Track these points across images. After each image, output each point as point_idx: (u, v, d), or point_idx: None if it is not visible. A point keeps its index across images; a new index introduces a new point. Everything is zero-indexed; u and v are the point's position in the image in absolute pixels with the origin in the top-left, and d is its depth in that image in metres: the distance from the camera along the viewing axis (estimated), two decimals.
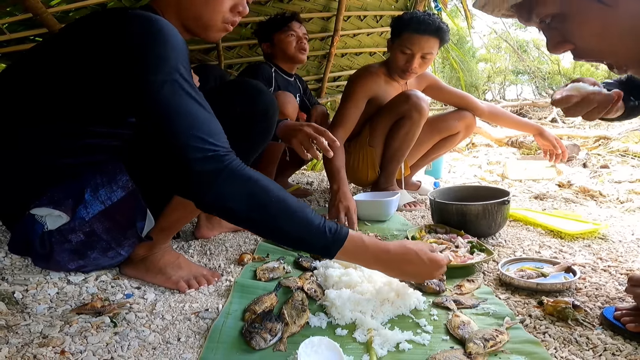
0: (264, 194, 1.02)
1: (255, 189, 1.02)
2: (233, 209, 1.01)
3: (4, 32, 2.05)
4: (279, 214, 1.03)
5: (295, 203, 1.06)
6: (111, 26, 1.05)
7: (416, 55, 2.22)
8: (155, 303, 1.23)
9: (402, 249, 1.16)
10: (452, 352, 0.97)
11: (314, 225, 1.05)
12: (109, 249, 1.26)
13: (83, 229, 1.18)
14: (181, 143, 0.97)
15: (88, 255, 1.26)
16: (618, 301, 1.22)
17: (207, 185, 0.99)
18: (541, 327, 1.10)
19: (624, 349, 0.99)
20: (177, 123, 0.98)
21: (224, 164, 1.00)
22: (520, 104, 6.90)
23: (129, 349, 1.01)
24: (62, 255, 1.23)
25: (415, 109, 2.26)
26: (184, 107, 1.00)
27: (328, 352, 0.97)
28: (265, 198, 1.02)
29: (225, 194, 1.00)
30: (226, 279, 1.41)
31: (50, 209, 1.15)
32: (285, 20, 2.55)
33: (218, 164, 0.99)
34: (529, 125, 2.58)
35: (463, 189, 2.15)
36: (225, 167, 1.00)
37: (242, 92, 1.31)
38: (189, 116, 1.00)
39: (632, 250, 1.64)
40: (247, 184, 1.01)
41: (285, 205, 1.04)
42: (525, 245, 1.73)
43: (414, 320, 1.15)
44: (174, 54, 1.01)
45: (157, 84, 0.98)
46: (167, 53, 1.01)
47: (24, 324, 1.08)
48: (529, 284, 1.30)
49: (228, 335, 1.07)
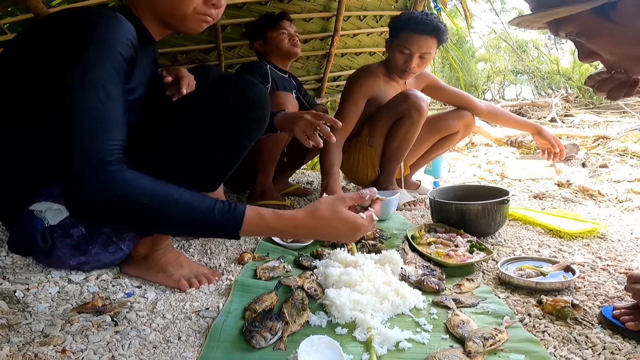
0: (135, 192, 0.99)
1: (130, 192, 0.98)
2: (107, 216, 1.01)
3: (5, 31, 2.05)
4: (160, 208, 1.00)
5: (180, 195, 1.02)
6: (54, 26, 1.07)
7: (414, 55, 2.21)
8: (156, 302, 1.23)
9: (311, 221, 1.09)
10: (452, 351, 0.97)
11: (201, 211, 1.01)
12: (110, 243, 1.26)
13: (84, 221, 1.18)
14: (71, 153, 0.97)
15: (89, 250, 1.26)
16: (617, 300, 1.22)
17: (83, 204, 0.99)
18: (540, 325, 1.10)
19: (622, 348, 0.99)
20: (71, 131, 0.97)
21: (101, 174, 0.97)
22: (520, 103, 6.90)
23: (130, 347, 1.01)
24: (64, 251, 1.23)
25: (415, 109, 2.26)
26: (84, 111, 0.99)
27: (328, 350, 0.97)
28: (142, 196, 0.99)
29: (102, 202, 0.98)
30: (227, 278, 1.41)
31: (50, 202, 1.15)
32: (277, 19, 2.57)
33: (96, 181, 0.97)
34: (527, 124, 2.59)
35: (462, 188, 2.15)
36: (104, 180, 0.97)
37: (232, 85, 1.30)
38: (84, 124, 0.98)
39: (631, 249, 1.64)
40: (121, 188, 0.98)
41: (165, 198, 1.00)
42: (525, 245, 1.73)
43: (414, 319, 1.15)
44: (92, 53, 1.01)
45: (66, 86, 0.99)
46: (86, 52, 1.00)
47: (25, 323, 1.08)
48: (528, 283, 1.30)
49: (228, 334, 1.07)
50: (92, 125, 0.98)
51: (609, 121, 5.38)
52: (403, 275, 1.37)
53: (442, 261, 1.48)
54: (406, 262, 1.46)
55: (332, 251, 1.51)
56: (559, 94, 6.58)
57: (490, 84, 11.65)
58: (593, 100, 7.25)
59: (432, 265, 1.46)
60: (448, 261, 1.48)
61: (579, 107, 6.74)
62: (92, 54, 1.00)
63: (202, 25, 1.29)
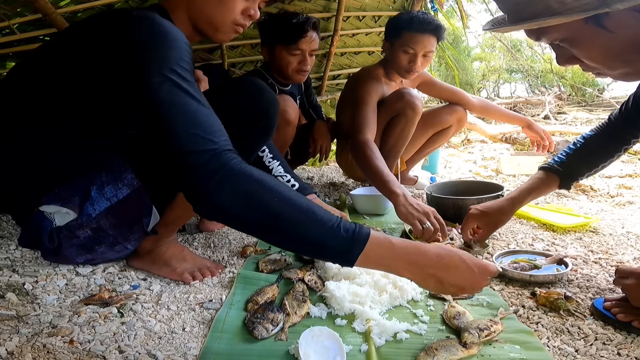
0: (264, 192, 0.87)
1: (254, 187, 0.87)
2: (229, 210, 0.87)
3: (14, 32, 2.04)
4: (282, 214, 0.86)
5: (303, 202, 0.89)
6: (114, 28, 1.02)
7: (419, 54, 2.18)
8: (160, 294, 1.23)
9: (441, 251, 0.93)
10: (448, 342, 0.97)
11: (327, 226, 0.87)
12: (116, 244, 1.26)
13: (90, 225, 1.18)
14: (178, 144, 0.89)
15: (96, 249, 1.26)
16: (608, 292, 1.22)
17: (202, 190, 0.88)
18: (534, 317, 1.10)
19: (614, 339, 0.99)
20: (175, 123, 0.91)
21: (221, 163, 0.88)
22: (514, 101, 6.87)
23: (136, 338, 1.01)
24: (70, 250, 1.23)
25: (410, 107, 2.24)
26: (182, 106, 0.93)
27: (328, 341, 0.97)
28: (266, 196, 0.87)
29: (221, 197, 0.86)
30: (229, 271, 1.41)
31: (58, 206, 1.15)
32: (295, 35, 2.10)
33: (215, 164, 0.88)
34: (518, 118, 2.59)
35: (459, 183, 2.15)
36: (222, 167, 0.88)
37: (242, 90, 1.28)
38: (187, 115, 0.92)
39: (622, 243, 1.64)
40: (245, 182, 0.88)
41: (290, 203, 0.88)
42: (519, 238, 1.72)
43: (411, 310, 1.15)
44: (173, 54, 0.97)
45: (155, 84, 0.93)
46: (165, 53, 0.96)
47: (34, 314, 1.08)
48: (523, 275, 1.29)
49: (231, 325, 1.07)
50: (194, 115, 0.93)
51: (601, 118, 5.37)
52: None
53: None
54: None
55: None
56: (552, 92, 6.55)
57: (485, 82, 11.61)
58: (585, 98, 7.23)
59: None
60: None
61: (571, 104, 6.72)
62: (171, 52, 0.97)
63: (232, 36, 1.25)
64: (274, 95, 1.35)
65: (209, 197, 0.87)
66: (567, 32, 0.84)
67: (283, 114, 2.07)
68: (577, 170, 1.43)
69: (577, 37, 0.84)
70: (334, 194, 2.64)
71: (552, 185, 1.45)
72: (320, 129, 2.52)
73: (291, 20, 2.11)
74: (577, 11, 0.75)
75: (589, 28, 0.81)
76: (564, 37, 0.85)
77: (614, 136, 1.40)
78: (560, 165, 1.44)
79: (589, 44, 0.84)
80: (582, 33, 0.83)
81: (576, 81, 7.79)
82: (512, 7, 0.86)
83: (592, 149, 1.43)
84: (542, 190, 1.47)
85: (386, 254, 0.90)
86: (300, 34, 2.11)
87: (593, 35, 0.82)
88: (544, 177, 1.46)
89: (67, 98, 1.10)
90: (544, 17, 0.78)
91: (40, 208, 1.16)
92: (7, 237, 1.55)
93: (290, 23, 2.10)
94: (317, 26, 2.19)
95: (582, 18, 0.77)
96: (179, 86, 0.95)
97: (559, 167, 1.43)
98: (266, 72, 2.32)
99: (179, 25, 1.20)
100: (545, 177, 1.46)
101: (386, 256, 0.90)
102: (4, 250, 1.44)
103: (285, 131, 2.14)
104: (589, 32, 0.82)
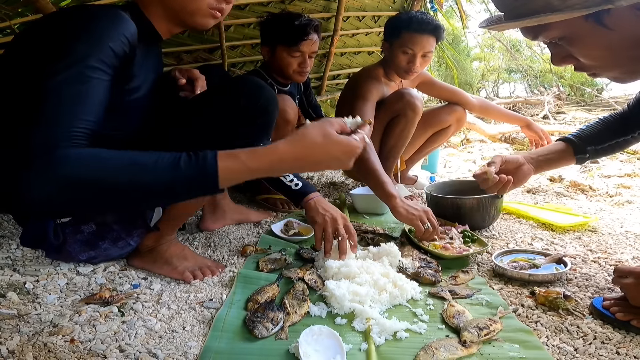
0: (91, 168, 0.83)
1: (82, 168, 0.82)
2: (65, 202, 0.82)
3: (15, 31, 2.04)
4: (117, 180, 0.83)
5: (139, 158, 0.86)
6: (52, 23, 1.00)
7: (418, 54, 2.18)
8: (161, 293, 1.23)
9: (301, 150, 0.95)
10: (448, 341, 0.97)
11: (167, 171, 0.86)
12: (119, 239, 1.26)
13: (95, 219, 1.18)
14: (22, 139, 0.83)
15: (99, 245, 1.26)
16: (607, 291, 1.22)
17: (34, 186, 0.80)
18: (533, 316, 1.10)
19: (613, 337, 0.99)
20: (31, 113, 0.86)
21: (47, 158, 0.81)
22: (513, 101, 6.86)
23: (136, 337, 1.01)
24: (74, 247, 1.23)
25: (410, 107, 2.24)
26: (51, 94, 0.87)
27: (328, 340, 0.97)
28: (95, 171, 0.83)
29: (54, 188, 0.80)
30: (230, 270, 1.41)
31: None
32: (296, 37, 2.09)
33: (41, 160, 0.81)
34: (517, 117, 2.60)
35: (458, 183, 2.14)
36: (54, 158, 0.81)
37: (242, 88, 1.27)
38: (47, 106, 0.86)
39: (620, 242, 1.64)
40: (75, 168, 0.82)
41: (121, 165, 0.84)
42: (518, 238, 1.72)
43: (411, 309, 1.15)
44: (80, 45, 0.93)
45: (44, 73, 0.89)
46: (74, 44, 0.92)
47: (35, 314, 1.08)
48: (522, 274, 1.29)
49: (231, 324, 1.07)
50: (54, 109, 0.86)
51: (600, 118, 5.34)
52: (400, 267, 1.37)
53: (438, 253, 1.48)
54: (403, 255, 1.45)
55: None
56: (551, 92, 6.54)
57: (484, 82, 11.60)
58: (584, 98, 7.22)
59: (429, 257, 1.45)
60: (444, 253, 1.47)
61: (570, 104, 6.71)
62: (80, 46, 0.93)
63: (210, 22, 1.24)
64: (273, 93, 1.34)
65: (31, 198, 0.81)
66: (566, 30, 0.83)
67: (282, 113, 2.06)
68: (592, 141, 1.48)
69: (577, 35, 0.83)
70: (333, 194, 2.64)
71: (566, 154, 1.50)
72: None
73: (293, 21, 2.09)
74: (579, 8, 0.74)
75: (589, 26, 0.80)
76: (562, 35, 0.84)
77: (630, 118, 1.43)
78: (575, 137, 1.50)
79: (588, 42, 0.83)
80: (582, 31, 0.81)
81: (575, 81, 7.78)
82: (510, 3, 0.84)
83: (605, 127, 1.48)
84: (557, 157, 1.53)
85: (242, 174, 0.91)
86: (302, 36, 2.10)
87: (593, 33, 0.81)
88: (558, 146, 1.52)
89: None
90: (543, 14, 0.77)
91: None
92: (8, 237, 1.55)
93: (292, 25, 2.09)
94: (319, 28, 2.19)
95: (583, 15, 0.76)
96: (75, 75, 0.90)
97: (573, 138, 1.49)
98: (265, 72, 2.30)
99: (155, 20, 1.21)
100: (559, 146, 1.52)
101: (243, 175, 0.92)
102: (5, 249, 1.44)
103: (285, 130, 2.14)
104: (589, 30, 0.81)
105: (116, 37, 0.98)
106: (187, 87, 1.34)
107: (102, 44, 0.95)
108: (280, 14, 2.21)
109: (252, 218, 1.97)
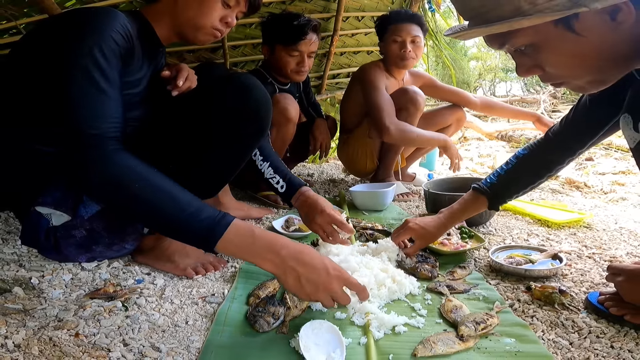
0: (129, 179, 0.92)
1: (121, 173, 0.92)
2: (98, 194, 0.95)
3: (21, 32, 2.03)
4: (143, 199, 0.92)
5: (168, 188, 0.94)
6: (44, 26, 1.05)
7: (407, 40, 2.29)
8: (164, 288, 1.22)
9: (304, 248, 0.95)
10: (445, 335, 0.97)
11: (187, 212, 0.91)
12: (113, 244, 1.26)
13: (84, 226, 1.18)
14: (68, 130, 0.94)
15: (94, 249, 1.26)
16: (602, 286, 1.22)
17: (78, 172, 0.94)
18: (529, 311, 1.10)
19: (607, 332, 0.99)
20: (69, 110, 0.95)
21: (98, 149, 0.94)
22: (510, 100, 6.86)
23: (140, 331, 1.01)
24: (70, 249, 1.23)
25: (411, 102, 2.27)
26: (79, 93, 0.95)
27: (328, 334, 0.97)
28: (130, 183, 0.92)
29: (91, 181, 0.93)
30: (231, 266, 1.41)
31: (52, 209, 1.15)
32: (295, 37, 2.10)
33: (92, 150, 0.93)
34: (525, 112, 2.61)
35: (455, 180, 2.14)
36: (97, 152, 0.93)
37: (231, 86, 1.23)
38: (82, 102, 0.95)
39: (615, 238, 1.64)
40: (113, 168, 0.93)
41: (152, 189, 0.92)
42: (515, 234, 1.72)
43: (409, 304, 1.14)
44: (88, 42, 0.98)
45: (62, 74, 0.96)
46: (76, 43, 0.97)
47: (40, 308, 1.08)
48: (518, 270, 1.29)
49: (233, 318, 1.07)
50: (89, 101, 0.95)
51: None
52: (399, 262, 1.36)
53: (436, 249, 1.48)
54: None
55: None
56: (547, 91, 6.54)
57: (481, 81, 11.61)
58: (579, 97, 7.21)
59: (427, 253, 1.45)
60: (442, 249, 1.47)
61: (565, 103, 6.70)
62: (88, 39, 0.98)
63: (210, 40, 1.30)
64: (266, 93, 1.27)
65: (82, 180, 0.94)
66: (534, 37, 0.78)
67: (284, 112, 2.06)
68: (506, 192, 1.39)
69: (545, 41, 0.79)
70: (333, 191, 2.64)
71: (481, 206, 1.41)
72: (320, 127, 2.51)
73: (292, 21, 2.10)
74: (549, 12, 0.70)
75: (558, 32, 0.76)
76: (530, 42, 0.80)
77: (544, 157, 1.35)
78: (489, 187, 1.39)
79: (557, 49, 0.79)
80: (551, 37, 0.77)
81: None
82: (476, 10, 0.79)
83: (521, 172, 1.38)
84: (473, 210, 1.44)
85: (246, 242, 0.91)
86: (300, 36, 2.10)
87: (562, 39, 0.77)
88: (473, 198, 1.42)
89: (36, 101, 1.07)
90: (513, 19, 0.73)
91: (36, 209, 1.16)
92: (14, 233, 1.55)
93: (291, 24, 2.10)
94: (318, 29, 2.18)
95: (552, 21, 0.73)
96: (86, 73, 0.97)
97: (488, 189, 1.39)
98: (265, 71, 2.31)
99: (159, 29, 1.24)
100: (474, 198, 1.42)
101: (246, 244, 0.91)
102: (11, 245, 1.44)
103: (287, 129, 2.13)
104: (558, 36, 0.77)
105: (116, 28, 1.03)
106: (172, 81, 1.31)
107: (105, 34, 1.00)
108: (280, 14, 2.22)
109: (254, 214, 1.97)
